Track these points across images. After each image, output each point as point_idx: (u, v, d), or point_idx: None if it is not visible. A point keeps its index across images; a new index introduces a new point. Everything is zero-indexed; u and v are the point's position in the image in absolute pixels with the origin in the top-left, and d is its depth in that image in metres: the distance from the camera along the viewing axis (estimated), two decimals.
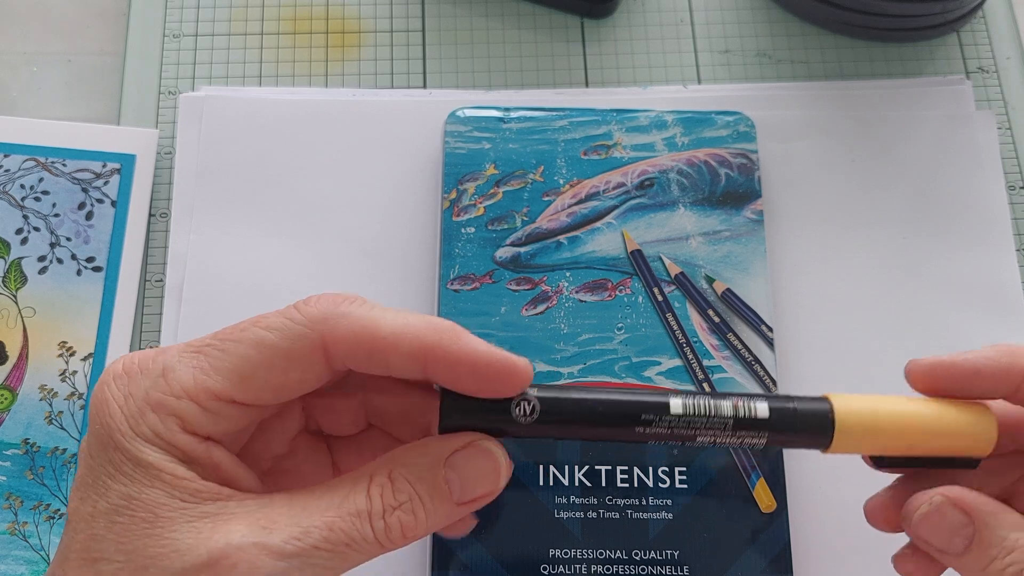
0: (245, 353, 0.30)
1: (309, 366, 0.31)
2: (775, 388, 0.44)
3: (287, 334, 0.30)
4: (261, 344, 0.30)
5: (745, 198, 0.47)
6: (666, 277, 0.46)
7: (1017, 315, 0.47)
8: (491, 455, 0.31)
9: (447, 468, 0.31)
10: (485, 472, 0.31)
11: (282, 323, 0.31)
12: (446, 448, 0.31)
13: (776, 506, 0.42)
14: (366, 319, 0.31)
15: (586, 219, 0.47)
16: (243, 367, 0.30)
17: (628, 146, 0.48)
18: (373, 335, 0.30)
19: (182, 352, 0.31)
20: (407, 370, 0.31)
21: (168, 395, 0.30)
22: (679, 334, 0.45)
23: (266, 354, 0.30)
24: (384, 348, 0.30)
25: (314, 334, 0.30)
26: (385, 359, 0.31)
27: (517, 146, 0.48)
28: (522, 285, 0.45)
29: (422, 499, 0.30)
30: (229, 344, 0.31)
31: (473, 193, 0.47)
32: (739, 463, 0.42)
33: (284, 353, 0.30)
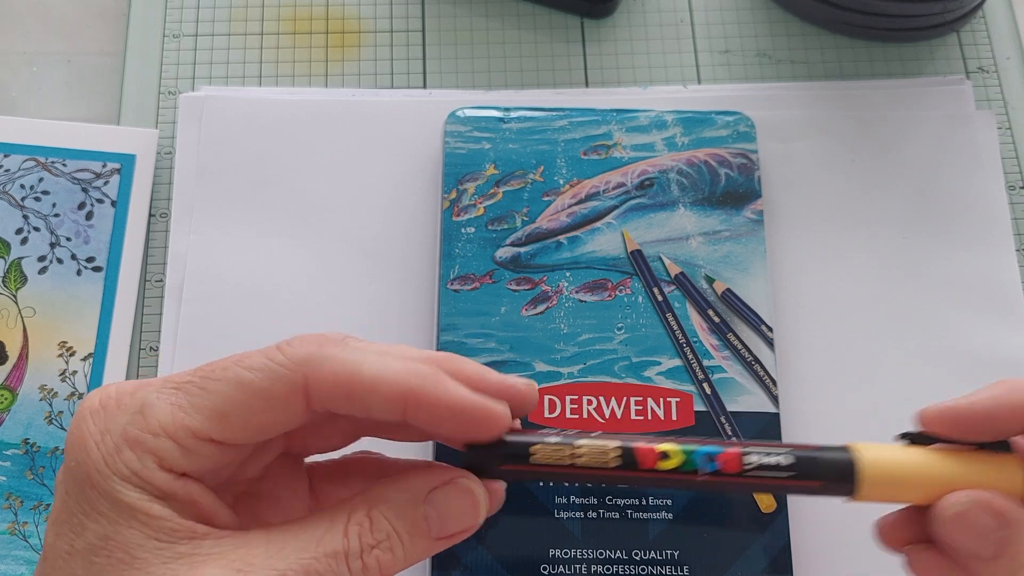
0: (225, 392, 0.30)
1: (289, 408, 0.30)
2: (775, 388, 0.44)
3: (268, 375, 0.30)
4: (242, 384, 0.30)
5: (745, 198, 0.47)
6: (666, 277, 0.46)
7: (1017, 315, 0.47)
8: (470, 493, 0.31)
9: (427, 505, 0.31)
10: (464, 509, 0.31)
11: (264, 363, 0.30)
12: (426, 485, 0.31)
13: (776, 506, 0.42)
14: (348, 362, 0.30)
15: (586, 219, 0.47)
16: (223, 406, 0.30)
17: (628, 146, 0.48)
18: (353, 379, 0.30)
19: (161, 388, 0.31)
20: (387, 413, 0.31)
21: (146, 432, 0.30)
22: (679, 334, 0.45)
23: (246, 394, 0.30)
24: (364, 392, 0.30)
25: (296, 376, 0.30)
26: (365, 403, 0.30)
27: (517, 146, 0.48)
28: (522, 285, 0.45)
29: (400, 536, 0.30)
30: (210, 382, 0.30)
31: (473, 193, 0.47)
32: None
33: (264, 394, 0.30)
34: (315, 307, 0.46)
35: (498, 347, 0.44)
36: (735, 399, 0.44)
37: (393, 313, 0.46)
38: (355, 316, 0.46)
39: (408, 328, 0.46)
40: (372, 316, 0.46)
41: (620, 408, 0.43)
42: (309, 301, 0.46)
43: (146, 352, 0.46)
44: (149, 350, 0.46)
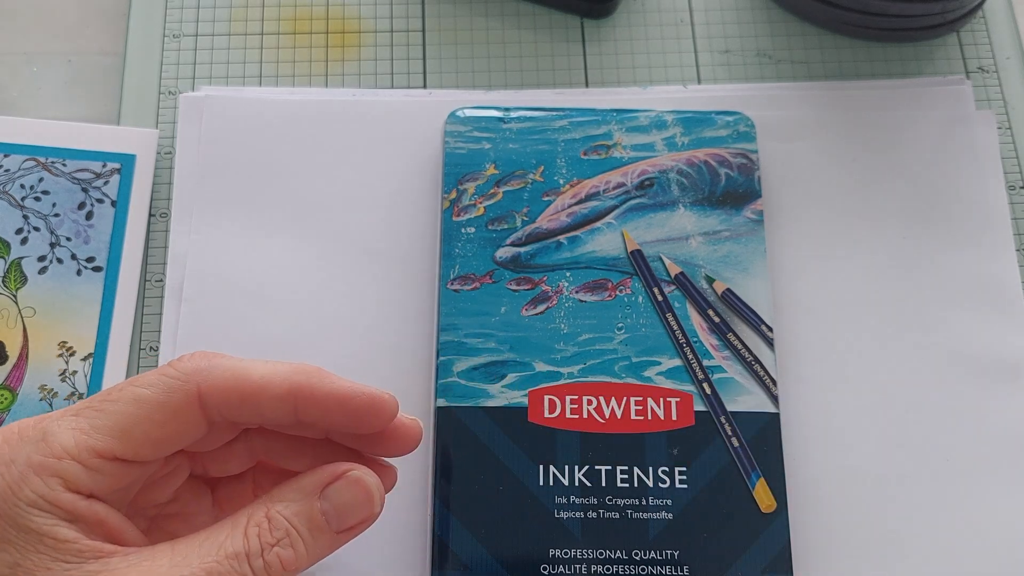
0: (123, 410, 0.32)
1: (186, 417, 0.32)
2: (775, 388, 0.44)
3: (163, 388, 0.32)
4: (138, 400, 0.32)
5: (745, 198, 0.47)
6: (666, 277, 0.46)
7: (1017, 314, 0.47)
8: (362, 483, 0.33)
9: (322, 500, 0.32)
10: (359, 501, 0.32)
11: (157, 379, 0.32)
12: (319, 481, 0.32)
13: (776, 506, 0.42)
14: (237, 368, 0.33)
15: (586, 219, 0.47)
16: (122, 423, 0.31)
17: (628, 146, 0.48)
18: (244, 382, 0.32)
19: (61, 417, 0.32)
20: (279, 413, 0.33)
21: (49, 457, 0.31)
22: (679, 334, 0.45)
23: (144, 409, 0.32)
24: (255, 392, 0.32)
25: (189, 385, 0.32)
26: (257, 404, 0.33)
27: (517, 146, 0.48)
28: (522, 285, 0.45)
29: (300, 533, 0.31)
30: (107, 404, 0.32)
31: (473, 193, 0.47)
32: (739, 463, 0.42)
33: (161, 406, 0.32)
34: (314, 306, 0.46)
35: (498, 347, 0.44)
36: (735, 399, 0.43)
37: (392, 313, 0.46)
38: (354, 316, 0.46)
39: (407, 328, 0.46)
40: (371, 316, 0.46)
41: (620, 408, 0.43)
42: (308, 300, 0.46)
43: (146, 352, 0.46)
44: (149, 350, 0.46)
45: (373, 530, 0.35)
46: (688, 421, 0.43)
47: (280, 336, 0.46)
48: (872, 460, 0.44)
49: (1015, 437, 0.45)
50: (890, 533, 0.43)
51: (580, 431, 0.43)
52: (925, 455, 0.45)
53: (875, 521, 0.43)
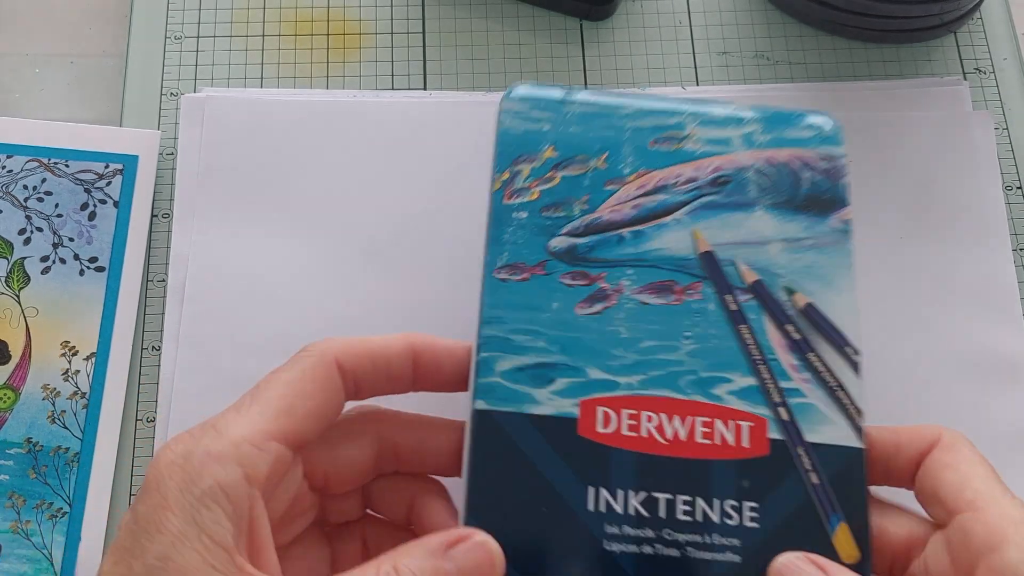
0: (281, 393, 0.34)
1: (331, 386, 0.35)
2: (860, 419, 0.38)
3: (306, 366, 0.35)
4: (288, 382, 0.34)
5: (831, 205, 0.42)
6: (740, 284, 0.40)
7: (1014, 315, 0.47)
8: (486, 547, 0.33)
9: (447, 561, 0.33)
10: (482, 565, 0.33)
11: (297, 362, 0.35)
12: (444, 541, 0.33)
13: (859, 556, 0.36)
14: (358, 339, 0.36)
15: (653, 213, 0.41)
16: (284, 404, 0.33)
17: (702, 139, 0.43)
18: (369, 345, 0.36)
19: (225, 413, 0.34)
20: (402, 368, 0.36)
21: (228, 444, 0.32)
22: (754, 349, 0.39)
23: (296, 387, 0.34)
24: (381, 351, 0.36)
25: (327, 357, 0.35)
26: (385, 361, 0.36)
27: (579, 129, 0.42)
28: (578, 280, 0.40)
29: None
30: (260, 393, 0.34)
31: (528, 176, 0.42)
32: (818, 502, 0.37)
33: (311, 380, 0.34)
34: (315, 306, 0.47)
35: (547, 347, 0.39)
36: (815, 428, 0.38)
37: (393, 313, 0.47)
38: (354, 315, 0.47)
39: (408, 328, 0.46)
40: (371, 316, 0.47)
41: (684, 428, 0.38)
42: (309, 300, 0.47)
43: (148, 352, 0.46)
44: (151, 349, 0.46)
45: None
46: (761, 450, 0.37)
47: (281, 336, 0.46)
48: None
49: (1013, 437, 0.45)
50: None
51: (637, 451, 0.37)
52: None
53: None
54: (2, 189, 0.48)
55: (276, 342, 0.46)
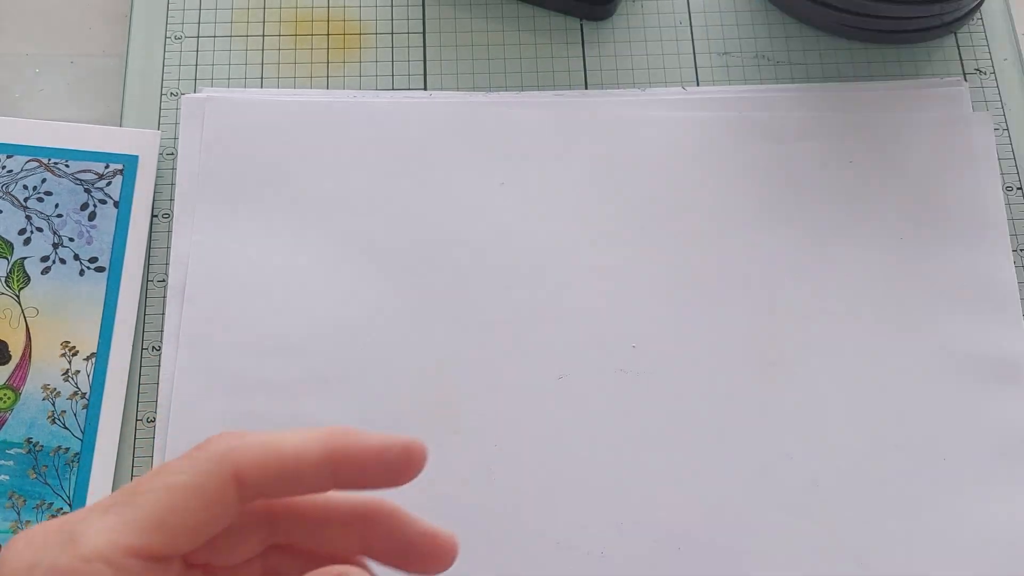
0: (156, 501, 0.30)
1: (222, 500, 0.30)
2: None
3: (197, 473, 0.30)
4: (172, 489, 0.30)
5: None
6: None
7: (1013, 314, 0.47)
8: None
9: None
10: None
11: (189, 464, 0.30)
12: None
13: None
14: (268, 441, 0.31)
15: None
16: (158, 515, 0.29)
17: None
18: (279, 453, 0.31)
19: (87, 515, 0.30)
20: (318, 478, 0.31)
21: (77, 559, 0.28)
22: None
23: (179, 497, 0.30)
24: (293, 461, 0.31)
25: (223, 467, 0.30)
26: (296, 472, 0.31)
27: None
28: None
29: None
30: (138, 497, 0.30)
31: None
32: None
33: (197, 492, 0.30)
34: (315, 306, 0.47)
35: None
36: None
37: (394, 313, 0.47)
38: (354, 316, 0.47)
39: (409, 328, 0.46)
40: (371, 316, 0.47)
41: None
42: (309, 300, 0.47)
43: (148, 352, 0.46)
44: (151, 350, 0.46)
45: None
46: None
47: (281, 336, 0.46)
48: (869, 459, 0.45)
49: (1012, 436, 0.45)
50: (887, 531, 0.43)
51: None
52: (922, 455, 0.45)
53: (872, 519, 0.44)
54: (2, 189, 0.48)
55: (276, 342, 0.46)
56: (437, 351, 0.46)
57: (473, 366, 0.46)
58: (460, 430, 0.45)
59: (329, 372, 0.45)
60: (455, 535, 0.33)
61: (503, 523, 0.43)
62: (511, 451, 0.44)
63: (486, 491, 0.44)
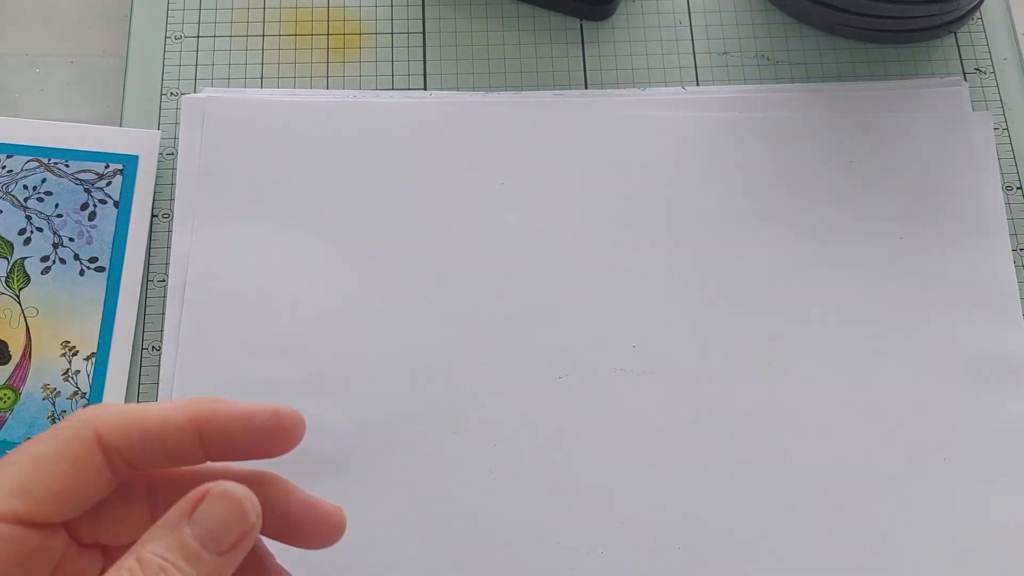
0: (20, 470, 0.30)
1: (88, 465, 0.30)
2: None
3: (58, 438, 0.30)
4: (34, 456, 0.30)
5: None
6: None
7: (1013, 315, 0.47)
8: (228, 497, 0.30)
9: (191, 526, 0.30)
10: (230, 516, 0.30)
11: (51, 434, 0.30)
12: (184, 508, 0.30)
13: None
14: (133, 407, 0.31)
15: None
16: (21, 482, 0.29)
17: None
18: (142, 418, 0.31)
19: None
20: (184, 444, 0.31)
21: None
22: None
23: (42, 464, 0.30)
24: (156, 425, 0.31)
25: (86, 431, 0.30)
26: (160, 437, 0.31)
27: None
28: None
29: (176, 565, 0.29)
30: (2, 468, 0.30)
31: None
32: None
33: (59, 457, 0.30)
34: (314, 306, 0.47)
35: None
36: None
37: (394, 313, 0.47)
38: (355, 315, 0.47)
39: (410, 328, 0.46)
40: (372, 316, 0.47)
41: None
42: (309, 300, 0.47)
43: (148, 352, 0.46)
44: (151, 350, 0.46)
45: None
46: None
47: (281, 336, 0.46)
48: (869, 459, 0.45)
49: (1012, 436, 0.45)
50: (887, 532, 0.44)
51: None
52: (923, 454, 0.45)
53: (872, 519, 0.44)
54: (2, 189, 0.48)
55: (276, 342, 0.46)
56: (437, 351, 0.46)
57: (473, 366, 0.46)
58: (460, 430, 0.45)
59: (329, 372, 0.45)
60: (342, 508, 0.33)
61: (503, 523, 0.43)
62: (511, 451, 0.44)
63: (486, 491, 0.44)
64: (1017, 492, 0.44)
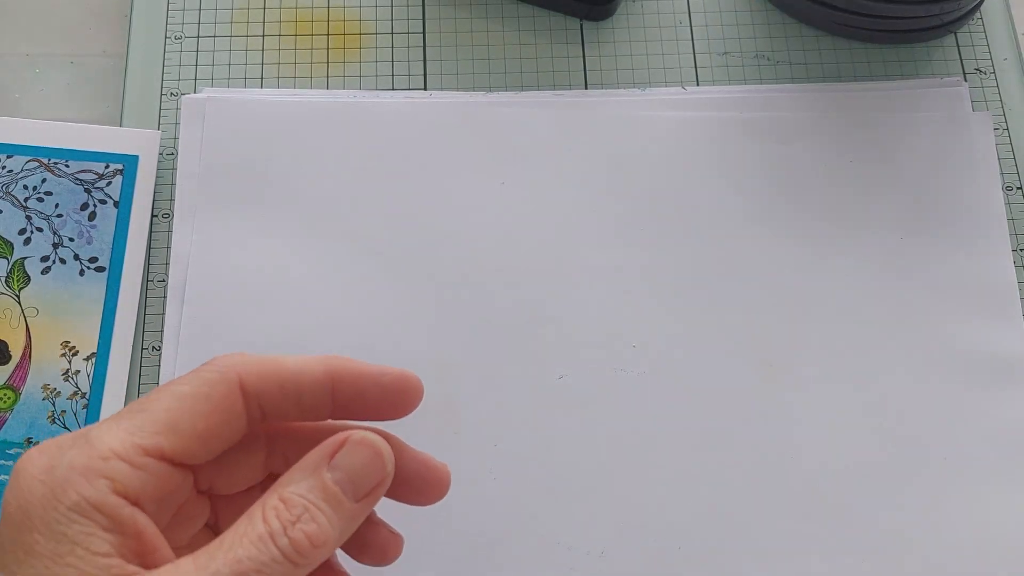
0: (167, 407, 0.30)
1: (230, 409, 0.31)
2: None
3: (204, 381, 0.31)
4: (181, 396, 0.31)
5: None
6: None
7: (1013, 314, 0.47)
8: (367, 443, 0.31)
9: (331, 471, 0.31)
10: (369, 463, 0.31)
11: (195, 376, 0.31)
12: (324, 453, 0.31)
13: None
14: (272, 359, 0.32)
15: None
16: (167, 419, 0.30)
17: None
18: (282, 367, 0.32)
19: (101, 423, 0.31)
20: (317, 395, 0.32)
21: (95, 458, 0.29)
22: None
23: (187, 403, 0.31)
24: (293, 376, 0.32)
25: (229, 376, 0.31)
26: (296, 387, 0.32)
27: None
28: None
29: (318, 506, 0.30)
30: (148, 403, 0.31)
31: None
32: None
33: (205, 397, 0.31)
34: (316, 307, 0.47)
35: None
36: None
37: (395, 313, 0.47)
38: (355, 316, 0.47)
39: (410, 328, 0.46)
40: (373, 316, 0.47)
41: None
42: (309, 300, 0.47)
43: (148, 352, 0.46)
44: (151, 350, 0.46)
45: None
46: None
47: (282, 336, 0.46)
48: (869, 459, 0.45)
49: (1012, 436, 0.45)
50: (887, 531, 0.44)
51: None
52: (922, 454, 0.45)
53: (872, 519, 0.44)
54: (2, 189, 0.48)
55: (276, 342, 0.46)
56: (437, 351, 0.46)
57: (473, 366, 0.46)
58: (460, 430, 0.45)
59: None
60: (447, 465, 0.34)
61: (503, 523, 0.43)
62: (511, 451, 0.44)
63: (486, 491, 0.44)
64: (1017, 492, 0.44)
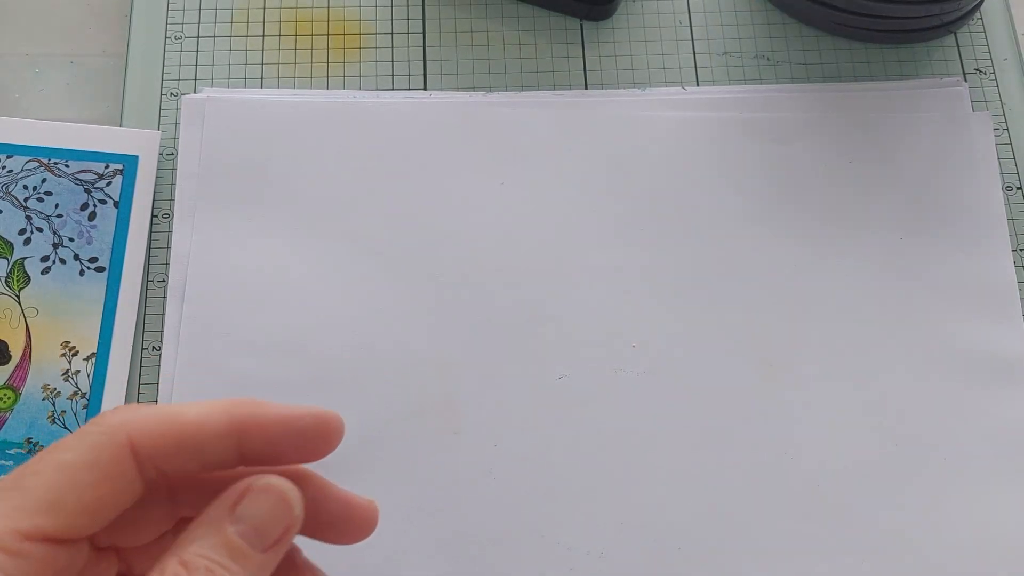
0: (48, 482, 0.27)
1: (120, 474, 0.28)
2: None
3: (89, 446, 0.28)
4: (64, 467, 0.27)
5: None
6: None
7: (1013, 314, 0.47)
8: (272, 490, 0.28)
9: (234, 524, 0.28)
10: (273, 509, 0.28)
11: (81, 440, 0.28)
12: (227, 504, 0.28)
13: None
14: (167, 411, 0.29)
15: None
16: (49, 497, 0.27)
17: None
18: (179, 422, 0.28)
19: None
20: (221, 450, 0.29)
21: None
22: None
23: (71, 474, 0.27)
24: (193, 432, 0.28)
25: (118, 437, 0.28)
26: (197, 444, 0.29)
27: None
28: None
29: (223, 564, 0.28)
30: (28, 479, 0.27)
31: None
32: None
33: (91, 466, 0.27)
34: (316, 307, 0.47)
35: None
36: None
37: (394, 313, 0.47)
38: (355, 316, 0.47)
39: (410, 327, 0.46)
40: (373, 316, 0.47)
41: None
42: (309, 300, 0.47)
43: (148, 352, 0.46)
44: (151, 350, 0.46)
45: None
46: None
47: (281, 336, 0.46)
48: (869, 459, 0.45)
49: (1012, 436, 0.45)
50: (887, 531, 0.44)
51: None
52: (922, 454, 0.45)
53: (872, 519, 0.44)
54: (2, 189, 0.48)
55: (276, 342, 0.46)
56: (437, 351, 0.46)
57: (473, 366, 0.46)
58: (460, 430, 0.45)
59: (329, 372, 0.45)
60: (375, 501, 0.31)
61: (503, 523, 0.43)
62: (511, 451, 0.44)
63: (486, 491, 0.44)
64: (1017, 492, 0.44)
